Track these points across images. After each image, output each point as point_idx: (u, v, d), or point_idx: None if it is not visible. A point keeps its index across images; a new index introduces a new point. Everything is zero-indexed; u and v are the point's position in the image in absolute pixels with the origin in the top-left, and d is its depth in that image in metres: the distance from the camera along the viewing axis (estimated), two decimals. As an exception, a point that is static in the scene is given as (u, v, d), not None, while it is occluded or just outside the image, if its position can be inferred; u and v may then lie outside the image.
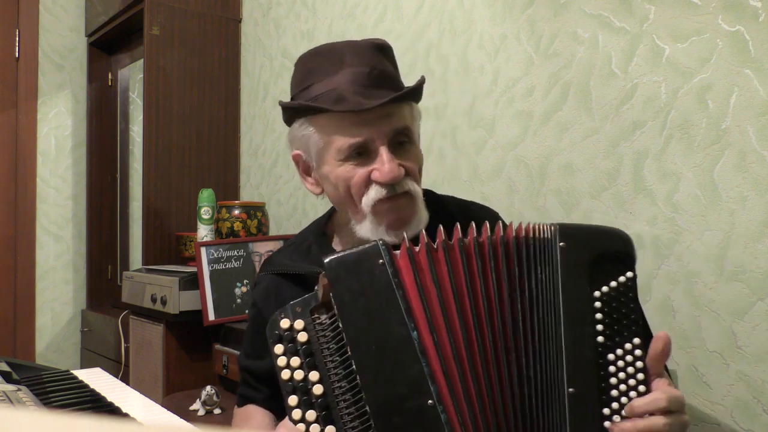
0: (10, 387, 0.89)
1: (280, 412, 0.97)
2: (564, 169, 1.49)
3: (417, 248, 0.82)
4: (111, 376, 1.22)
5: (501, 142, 1.63)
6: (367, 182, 0.95)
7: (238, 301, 2.06)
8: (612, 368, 0.78)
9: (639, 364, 0.79)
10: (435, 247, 0.82)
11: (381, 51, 0.98)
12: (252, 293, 1.10)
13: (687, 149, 1.26)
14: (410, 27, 1.90)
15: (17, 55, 2.95)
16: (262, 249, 2.13)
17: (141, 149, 2.58)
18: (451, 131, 1.77)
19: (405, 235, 0.83)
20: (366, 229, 0.98)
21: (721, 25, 1.21)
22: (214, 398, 1.74)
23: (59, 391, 0.99)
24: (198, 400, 1.76)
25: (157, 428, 0.48)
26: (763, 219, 1.15)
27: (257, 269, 2.11)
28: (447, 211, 1.11)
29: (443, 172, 1.79)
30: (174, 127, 2.56)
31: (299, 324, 0.82)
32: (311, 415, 0.79)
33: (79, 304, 3.11)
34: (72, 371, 1.14)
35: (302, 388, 0.80)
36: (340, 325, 0.80)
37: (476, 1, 1.70)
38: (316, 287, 0.84)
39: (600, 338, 0.79)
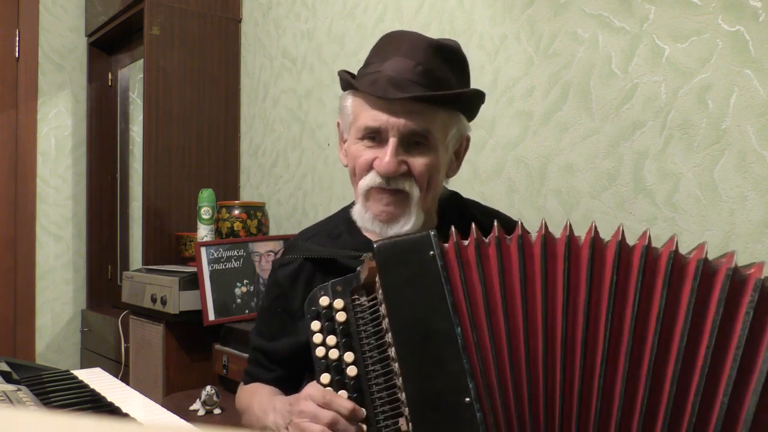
0: (10, 387, 0.89)
1: (291, 392, 0.97)
2: (564, 169, 1.49)
3: (465, 242, 0.79)
4: (111, 376, 1.22)
5: (501, 142, 1.63)
6: (369, 167, 0.98)
7: (238, 301, 2.06)
8: None
9: None
10: (506, 243, 0.78)
11: (439, 51, 0.97)
12: (276, 273, 1.09)
13: (687, 149, 1.26)
14: (410, 27, 1.90)
15: (17, 55, 2.94)
16: (262, 249, 2.13)
17: (141, 149, 2.58)
18: (451, 131, 1.76)
19: (453, 229, 0.80)
20: (355, 211, 1.02)
21: (721, 25, 1.21)
22: (214, 398, 1.73)
23: (59, 391, 0.99)
24: (198, 400, 1.76)
25: (157, 428, 0.48)
26: (763, 219, 1.15)
27: (257, 269, 2.11)
28: (469, 214, 1.11)
29: (443, 172, 1.79)
30: (174, 127, 2.56)
31: (339, 303, 0.83)
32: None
33: (79, 304, 3.11)
34: (72, 371, 1.14)
35: (336, 368, 0.81)
36: (381, 310, 0.80)
37: (476, 1, 1.70)
38: (358, 268, 0.84)
39: None
